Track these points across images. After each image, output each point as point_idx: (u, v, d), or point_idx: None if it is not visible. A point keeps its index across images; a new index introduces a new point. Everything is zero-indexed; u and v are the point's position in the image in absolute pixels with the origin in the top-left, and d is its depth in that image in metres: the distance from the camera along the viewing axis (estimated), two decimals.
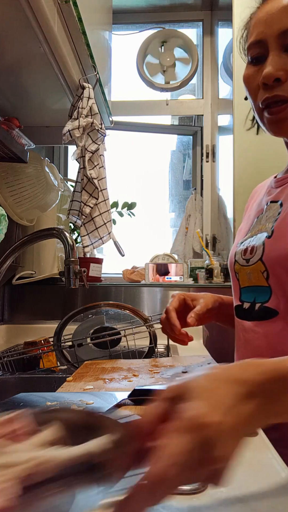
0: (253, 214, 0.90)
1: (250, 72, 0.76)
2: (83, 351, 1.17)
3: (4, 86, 1.36)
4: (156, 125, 2.41)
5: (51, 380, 1.02)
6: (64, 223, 1.90)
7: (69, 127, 1.32)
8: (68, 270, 1.06)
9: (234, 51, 1.67)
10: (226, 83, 2.27)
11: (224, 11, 2.21)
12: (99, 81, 1.45)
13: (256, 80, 0.74)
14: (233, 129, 1.66)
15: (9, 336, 1.66)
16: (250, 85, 0.77)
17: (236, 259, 0.86)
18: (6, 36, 1.09)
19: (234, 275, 0.87)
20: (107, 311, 1.31)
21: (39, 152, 1.78)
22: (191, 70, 2.18)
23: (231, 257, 0.89)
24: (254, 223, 0.86)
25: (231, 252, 0.90)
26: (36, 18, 0.99)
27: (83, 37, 1.21)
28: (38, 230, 1.15)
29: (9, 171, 1.44)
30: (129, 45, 2.28)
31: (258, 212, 0.87)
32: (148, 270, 1.90)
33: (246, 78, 0.78)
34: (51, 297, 1.76)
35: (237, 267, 0.85)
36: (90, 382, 0.80)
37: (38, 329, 1.65)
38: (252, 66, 0.76)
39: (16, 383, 1.03)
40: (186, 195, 2.43)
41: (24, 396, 0.68)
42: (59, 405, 0.60)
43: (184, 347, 0.95)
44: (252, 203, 0.96)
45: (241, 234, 0.90)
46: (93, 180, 1.44)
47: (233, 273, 0.88)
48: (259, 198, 0.91)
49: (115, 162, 2.15)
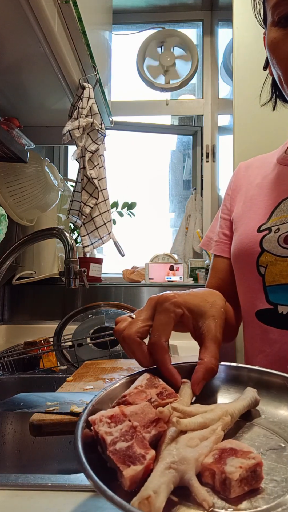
0: (262, 195, 0.77)
1: (278, 35, 0.63)
2: (83, 351, 1.17)
3: (4, 86, 1.36)
4: (156, 125, 2.41)
5: (51, 380, 1.02)
6: (64, 223, 1.90)
7: (69, 127, 1.32)
8: (68, 270, 1.06)
9: (234, 51, 1.68)
10: (226, 83, 2.28)
11: (224, 11, 2.21)
12: (99, 81, 1.45)
13: (286, 45, 0.62)
14: (233, 129, 1.66)
15: (9, 336, 1.66)
16: (278, 52, 0.63)
17: (265, 248, 0.68)
18: (6, 36, 1.09)
19: (255, 269, 0.69)
20: (107, 311, 1.31)
21: (39, 152, 1.78)
22: (191, 69, 2.18)
23: (248, 246, 0.71)
24: (279, 205, 0.71)
25: (245, 240, 0.73)
26: (36, 18, 0.99)
27: (83, 37, 1.21)
28: (38, 230, 1.14)
29: (9, 171, 1.44)
30: (129, 45, 2.28)
31: (278, 195, 0.73)
32: (148, 271, 1.90)
33: (273, 43, 0.64)
34: (51, 297, 1.76)
35: (267, 258, 0.67)
36: (90, 382, 0.80)
37: (38, 329, 1.65)
38: (280, 29, 0.63)
39: (16, 383, 1.03)
40: (186, 195, 2.43)
41: (24, 396, 0.68)
42: (59, 405, 0.60)
43: (184, 347, 0.93)
44: (246, 182, 0.84)
45: (251, 217, 0.74)
46: (93, 180, 1.44)
47: (251, 267, 0.70)
48: (261, 177, 0.80)
49: (115, 162, 2.15)
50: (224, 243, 0.85)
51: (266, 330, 0.68)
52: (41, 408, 0.59)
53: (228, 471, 0.31)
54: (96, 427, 0.34)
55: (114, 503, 0.28)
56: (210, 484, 0.33)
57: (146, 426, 0.36)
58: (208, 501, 0.31)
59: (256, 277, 0.69)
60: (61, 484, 0.43)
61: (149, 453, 0.33)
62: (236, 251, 0.74)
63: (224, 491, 0.32)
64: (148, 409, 0.37)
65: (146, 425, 0.36)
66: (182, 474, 0.32)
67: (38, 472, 0.82)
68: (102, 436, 0.33)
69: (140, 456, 0.32)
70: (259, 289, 0.69)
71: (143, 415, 0.36)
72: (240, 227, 0.77)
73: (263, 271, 0.67)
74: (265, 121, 1.62)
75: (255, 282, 0.69)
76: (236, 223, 0.80)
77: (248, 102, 1.64)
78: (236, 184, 0.87)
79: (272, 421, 0.42)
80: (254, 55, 1.65)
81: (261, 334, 0.69)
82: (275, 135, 1.58)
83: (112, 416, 0.35)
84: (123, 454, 0.32)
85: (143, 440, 0.34)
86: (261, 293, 0.68)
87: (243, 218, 0.77)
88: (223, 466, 0.32)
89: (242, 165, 0.90)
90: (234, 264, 0.78)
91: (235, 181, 0.88)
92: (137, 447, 0.33)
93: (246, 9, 1.67)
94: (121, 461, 0.32)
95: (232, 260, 0.79)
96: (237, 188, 0.86)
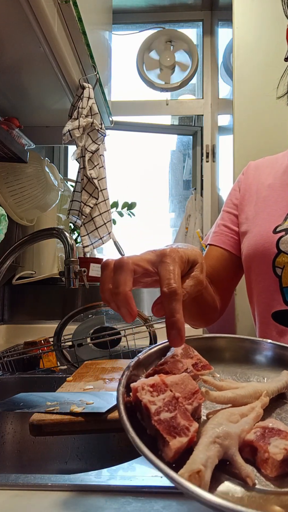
0: (275, 196, 0.76)
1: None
2: (83, 351, 1.17)
3: (4, 86, 1.36)
4: (156, 125, 2.41)
5: (51, 380, 1.02)
6: (64, 223, 1.90)
7: (69, 127, 1.32)
8: (68, 270, 1.06)
9: (234, 51, 1.68)
10: (226, 83, 2.28)
11: (224, 11, 2.21)
12: (99, 81, 1.45)
13: None
14: (233, 129, 1.66)
15: (9, 336, 1.66)
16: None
17: (282, 249, 0.68)
18: (6, 36, 1.09)
19: (272, 270, 0.69)
20: (107, 311, 1.31)
21: (39, 152, 1.78)
22: (191, 69, 2.18)
23: (264, 247, 0.71)
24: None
25: (260, 241, 0.72)
26: (36, 18, 0.99)
27: (83, 37, 1.21)
28: (38, 230, 1.14)
29: (9, 171, 1.44)
30: (129, 45, 2.28)
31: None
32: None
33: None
34: (51, 297, 1.76)
35: (284, 260, 0.68)
36: (90, 382, 0.80)
37: (38, 329, 1.65)
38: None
39: (16, 383, 1.03)
40: (186, 195, 2.43)
41: (24, 396, 0.68)
42: (59, 405, 0.60)
43: None
44: (256, 182, 0.84)
45: (265, 219, 0.74)
46: (93, 180, 1.44)
47: (267, 268, 0.70)
48: (272, 178, 0.79)
49: (115, 162, 2.15)
50: (223, 234, 0.85)
51: (282, 331, 0.68)
52: (41, 408, 0.59)
53: (272, 451, 0.32)
54: (139, 394, 0.34)
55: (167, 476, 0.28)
56: (250, 459, 0.34)
57: (188, 397, 0.36)
58: (252, 478, 0.31)
59: (272, 278, 0.69)
60: (61, 484, 0.43)
61: (193, 425, 0.33)
62: (251, 252, 0.74)
63: (266, 469, 0.32)
64: (188, 380, 0.37)
65: (188, 396, 0.36)
66: (226, 449, 0.32)
67: (38, 472, 0.82)
68: (145, 404, 0.33)
69: (184, 428, 0.32)
70: (275, 290, 0.69)
71: (183, 386, 0.36)
72: (254, 228, 0.77)
73: (280, 272, 0.67)
74: (265, 121, 1.62)
75: (271, 283, 0.69)
76: (248, 223, 0.80)
77: (248, 102, 1.64)
78: (246, 183, 0.87)
79: None
80: (254, 55, 1.65)
81: (277, 335, 0.69)
82: (275, 135, 1.58)
83: (154, 384, 0.35)
84: (168, 424, 0.32)
85: (186, 411, 0.34)
86: (278, 294, 0.68)
87: (256, 219, 0.77)
88: (266, 445, 0.32)
89: (252, 164, 0.90)
90: (247, 264, 0.78)
91: (245, 179, 0.88)
92: (180, 419, 0.33)
93: (246, 9, 1.67)
94: (167, 431, 0.32)
95: (244, 260, 0.79)
96: (247, 187, 0.86)
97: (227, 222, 0.86)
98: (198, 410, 0.37)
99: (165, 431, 0.32)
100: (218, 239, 0.86)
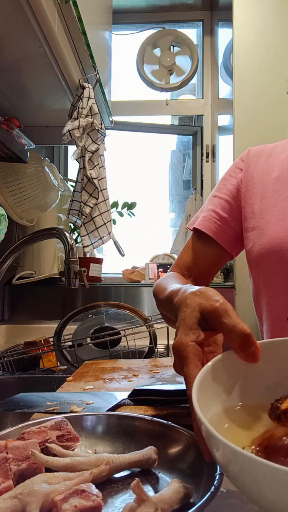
0: (286, 191, 0.72)
1: None
2: (83, 351, 1.17)
3: (4, 86, 1.36)
4: (156, 125, 2.41)
5: (51, 380, 1.02)
6: (64, 223, 1.90)
7: (69, 127, 1.32)
8: (68, 270, 1.06)
9: (234, 51, 1.68)
10: (226, 83, 2.28)
11: (224, 11, 2.21)
12: (99, 81, 1.45)
13: None
14: (233, 129, 1.66)
15: (9, 336, 1.66)
16: None
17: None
18: (6, 36, 1.09)
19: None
20: (107, 311, 1.31)
21: (39, 152, 1.78)
22: (192, 69, 2.18)
23: (280, 246, 0.66)
24: None
25: (275, 240, 0.68)
26: (36, 18, 0.99)
27: (83, 37, 1.21)
28: (38, 230, 1.14)
29: (9, 171, 1.45)
30: (129, 45, 2.28)
31: None
32: (148, 271, 1.90)
33: None
34: (51, 297, 1.76)
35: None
36: (90, 382, 0.80)
37: (38, 329, 1.65)
38: None
39: (16, 383, 1.03)
40: (186, 195, 2.43)
41: (24, 396, 0.68)
42: (59, 405, 0.60)
43: None
44: (261, 172, 0.79)
45: (279, 216, 0.69)
46: (93, 180, 1.44)
47: (282, 268, 0.66)
48: (279, 169, 0.75)
49: (115, 162, 2.15)
50: (211, 220, 0.81)
51: None
52: (41, 408, 0.59)
53: (63, 508, 0.33)
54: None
55: None
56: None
57: (20, 460, 0.39)
58: None
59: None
60: None
61: (6, 483, 0.36)
62: (264, 252, 0.70)
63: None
64: (33, 446, 0.41)
65: (21, 459, 0.39)
66: (25, 505, 0.34)
67: None
68: None
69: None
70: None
71: (23, 450, 0.40)
72: (265, 225, 0.73)
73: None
74: (265, 121, 1.62)
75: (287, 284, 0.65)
76: (256, 218, 0.75)
77: (248, 102, 1.64)
78: (247, 171, 0.81)
79: None
80: (254, 55, 1.65)
81: (277, 329, 0.66)
82: (275, 135, 1.58)
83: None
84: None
85: (8, 471, 0.37)
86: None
87: (266, 215, 0.73)
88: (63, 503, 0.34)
89: (252, 151, 0.85)
90: (256, 264, 0.73)
91: (245, 166, 0.83)
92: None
93: (246, 9, 1.67)
94: None
95: (253, 259, 0.74)
96: (249, 176, 0.81)
97: (218, 208, 0.82)
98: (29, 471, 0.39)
99: None
100: (206, 225, 0.81)
